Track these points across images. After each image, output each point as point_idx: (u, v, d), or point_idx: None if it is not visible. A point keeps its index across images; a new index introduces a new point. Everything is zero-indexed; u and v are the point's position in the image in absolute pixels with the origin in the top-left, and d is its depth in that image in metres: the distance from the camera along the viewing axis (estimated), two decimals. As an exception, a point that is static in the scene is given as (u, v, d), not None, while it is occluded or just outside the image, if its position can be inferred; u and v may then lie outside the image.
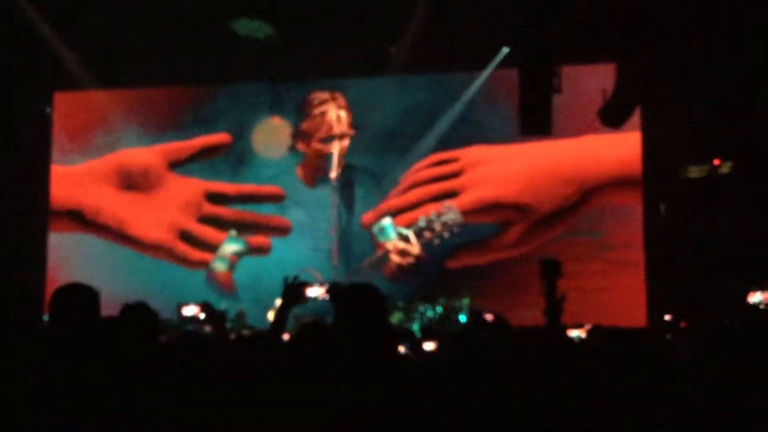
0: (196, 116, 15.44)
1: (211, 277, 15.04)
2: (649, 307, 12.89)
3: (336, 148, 14.86)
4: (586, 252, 13.72)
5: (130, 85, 15.53)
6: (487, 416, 2.65)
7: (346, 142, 15.02)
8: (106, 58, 14.88)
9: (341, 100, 15.11)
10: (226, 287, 14.92)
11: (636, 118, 12.75)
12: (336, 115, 15.07)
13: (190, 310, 11.07)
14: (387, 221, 14.54)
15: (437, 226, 14.24)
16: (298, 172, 15.11)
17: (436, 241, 14.26)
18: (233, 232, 15.03)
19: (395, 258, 14.34)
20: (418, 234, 14.32)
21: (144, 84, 15.51)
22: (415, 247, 14.34)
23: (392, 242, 14.39)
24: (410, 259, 14.34)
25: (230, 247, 15.05)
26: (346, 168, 14.92)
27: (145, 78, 15.44)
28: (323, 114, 15.09)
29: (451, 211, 14.21)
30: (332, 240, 14.70)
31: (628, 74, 11.23)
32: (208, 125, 15.37)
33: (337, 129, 15.03)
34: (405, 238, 14.35)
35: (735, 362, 2.95)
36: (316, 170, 14.96)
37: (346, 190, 14.92)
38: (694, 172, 13.10)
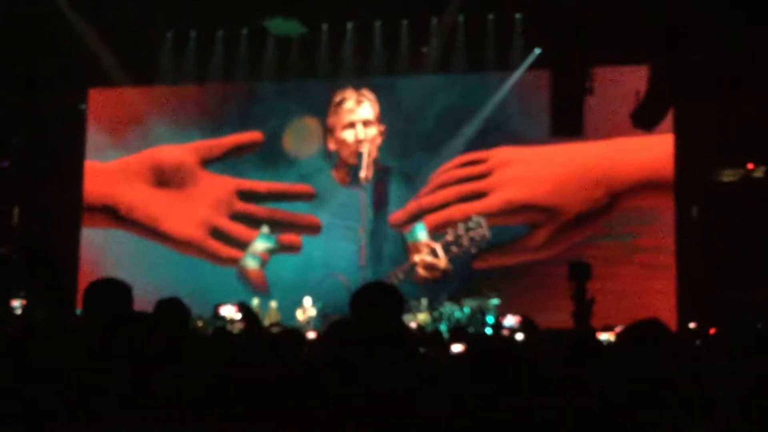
0: (230, 114, 15.54)
1: (243, 274, 15.14)
2: (679, 312, 12.77)
3: (365, 148, 14.87)
4: (616, 255, 13.63)
5: (164, 83, 15.68)
6: (514, 418, 2.65)
7: (373, 136, 14.95)
8: (140, 55, 15.04)
9: (366, 93, 15.10)
10: (258, 284, 15.00)
11: (669, 121, 12.65)
12: (355, 101, 15.07)
13: (227, 311, 11.15)
14: (419, 225, 14.57)
15: (465, 241, 14.22)
16: (333, 173, 15.14)
17: (463, 257, 14.25)
18: (265, 229, 15.11)
19: (422, 272, 14.32)
20: (446, 249, 14.31)
21: (177, 81, 15.66)
22: (442, 261, 14.32)
23: (420, 256, 14.39)
24: (436, 273, 14.32)
25: (262, 244, 15.14)
26: (380, 169, 14.93)
27: (178, 75, 15.60)
28: (342, 102, 15.14)
29: (479, 227, 14.16)
30: (360, 240, 14.73)
31: (661, 76, 11.14)
32: (242, 123, 15.48)
33: (356, 116, 15.02)
34: (433, 252, 14.34)
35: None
36: (348, 170, 14.97)
37: (378, 190, 14.93)
38: (728, 175, 12.96)
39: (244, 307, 4.52)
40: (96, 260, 15.21)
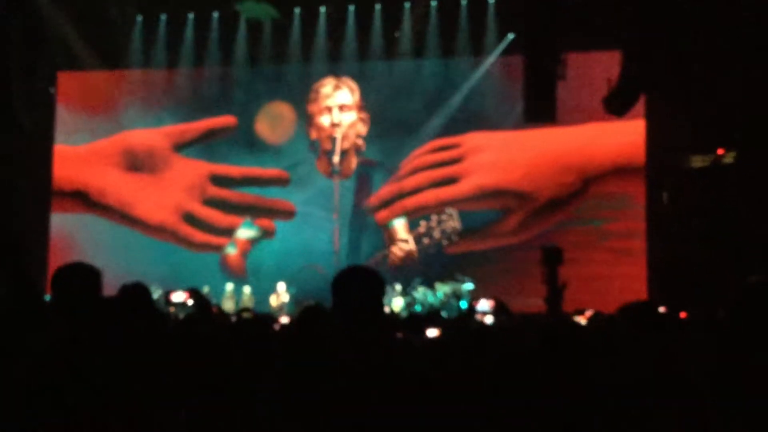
0: (202, 99, 15.42)
1: (222, 260, 15.11)
2: (649, 297, 12.90)
3: (339, 132, 14.83)
4: (587, 240, 13.74)
5: (134, 66, 15.52)
6: (491, 401, 2.66)
7: (351, 121, 14.92)
8: (110, 39, 14.87)
9: (346, 81, 15.06)
10: (237, 271, 14.97)
11: (640, 107, 12.73)
12: (333, 87, 15.04)
13: (178, 297, 11.08)
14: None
15: (436, 234, 14.35)
16: (317, 164, 15.09)
17: (432, 250, 14.35)
18: (248, 218, 15.09)
19: (393, 259, 14.42)
20: (417, 240, 14.43)
21: (148, 65, 15.50)
22: (411, 248, 14.47)
23: (395, 247, 14.52)
24: (405, 260, 14.46)
25: (244, 232, 15.10)
26: (366, 163, 14.92)
27: (149, 59, 15.44)
28: (320, 88, 15.10)
29: (450, 219, 14.29)
30: (333, 225, 14.71)
31: (633, 62, 11.20)
32: (214, 108, 15.36)
33: (332, 101, 14.99)
34: (404, 243, 14.49)
35: (733, 352, 2.96)
36: (328, 158, 14.92)
37: (362, 182, 14.93)
38: (698, 161, 13.07)
39: (195, 294, 4.48)
40: (66, 246, 15.05)
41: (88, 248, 14.54)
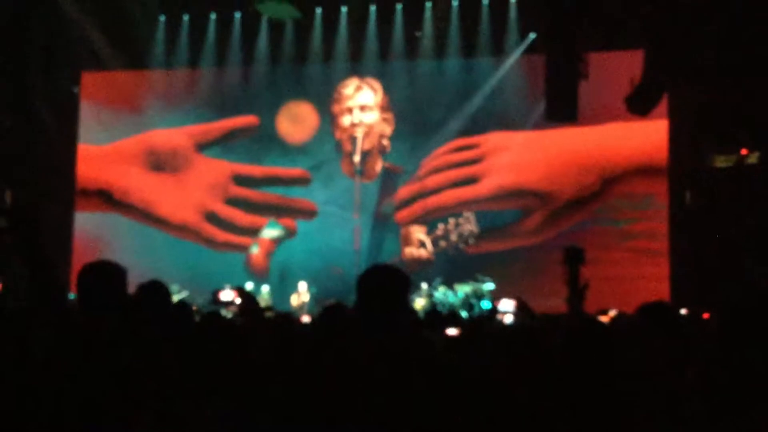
0: (224, 98, 15.49)
1: (247, 261, 15.18)
2: (672, 297, 12.81)
3: (359, 132, 14.85)
4: (609, 240, 13.67)
5: (157, 66, 15.62)
6: (513, 401, 2.66)
7: (372, 121, 14.93)
8: (133, 39, 14.97)
9: (370, 81, 15.08)
10: (258, 269, 15.02)
11: (663, 107, 12.64)
12: (355, 88, 15.07)
13: (227, 295, 11.15)
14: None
15: (453, 237, 14.36)
16: (342, 165, 15.12)
17: (451, 252, 14.35)
18: (273, 218, 15.15)
19: (409, 264, 14.38)
20: (435, 243, 14.44)
21: (170, 65, 15.60)
22: (426, 252, 14.45)
23: (409, 249, 14.54)
24: (421, 264, 14.42)
25: (269, 232, 15.16)
26: (392, 169, 14.93)
27: (171, 59, 15.54)
28: (342, 90, 15.14)
29: (468, 222, 14.29)
30: (354, 224, 14.73)
31: (656, 61, 11.12)
32: (236, 108, 15.43)
33: (353, 102, 15.02)
34: (422, 245, 14.50)
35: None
36: (350, 158, 14.94)
37: (387, 187, 14.94)
38: (722, 161, 12.96)
39: (242, 292, 4.50)
40: (90, 245, 15.17)
41: (111, 247, 14.65)
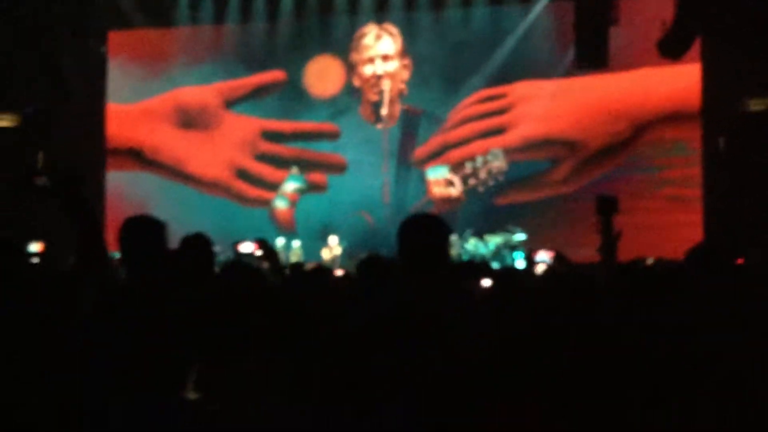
0: (250, 54, 15.42)
1: (272, 215, 15.23)
2: (706, 244, 12.70)
3: (386, 85, 14.75)
4: (641, 188, 13.54)
5: (183, 23, 15.58)
6: (548, 351, 2.66)
7: (394, 69, 14.83)
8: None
9: (388, 27, 14.93)
10: (286, 224, 15.09)
11: (695, 50, 12.42)
12: (375, 36, 14.94)
13: (246, 247, 11.18)
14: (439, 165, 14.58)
15: (482, 174, 14.22)
16: (360, 110, 15.07)
17: (481, 189, 14.25)
18: (295, 170, 15.14)
19: (438, 204, 14.27)
20: (464, 180, 14.33)
21: (196, 22, 15.55)
22: (456, 190, 14.38)
23: (437, 189, 14.42)
24: (451, 204, 14.33)
25: (291, 185, 15.19)
26: (410, 111, 14.83)
27: (197, 16, 15.48)
28: (362, 38, 15.02)
29: (496, 159, 14.14)
30: (384, 177, 14.71)
31: (688, 4, 10.92)
32: (263, 63, 15.37)
33: (374, 51, 14.90)
34: (450, 184, 14.38)
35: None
36: (372, 108, 14.89)
37: (407, 132, 14.87)
38: (756, 105, 12.73)
39: (264, 244, 4.49)
40: (122, 204, 15.27)
41: (143, 206, 14.74)
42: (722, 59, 12.61)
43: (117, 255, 3.21)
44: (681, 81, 13.31)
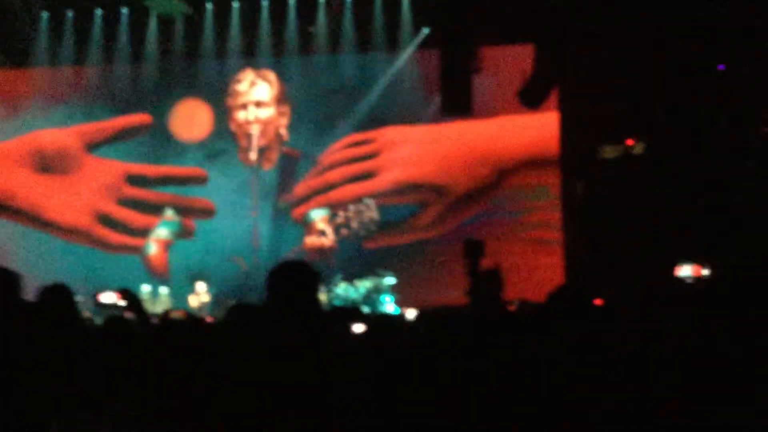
0: (113, 97, 15.03)
1: (145, 261, 14.73)
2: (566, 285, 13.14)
3: (255, 129, 14.67)
4: (505, 231, 13.92)
5: (41, 64, 15.06)
6: (428, 394, 2.68)
7: (268, 117, 14.78)
8: (15, 36, 14.41)
9: (266, 74, 14.90)
10: (160, 271, 14.62)
11: (554, 99, 12.97)
12: (249, 83, 14.89)
13: (107, 297, 10.76)
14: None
15: (354, 224, 14.36)
16: (239, 154, 14.87)
17: (352, 239, 14.36)
18: (169, 214, 14.73)
19: (310, 254, 14.24)
20: (336, 231, 14.42)
21: (55, 63, 15.07)
22: (328, 240, 14.43)
23: (310, 238, 14.43)
24: (323, 254, 14.35)
25: (163, 230, 14.75)
26: (289, 154, 14.77)
27: (56, 57, 15.02)
28: (237, 83, 14.94)
29: (368, 209, 14.30)
30: (253, 222, 14.57)
31: (546, 56, 11.41)
32: (126, 106, 15.00)
33: (248, 97, 14.84)
34: (322, 234, 14.42)
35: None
36: (247, 151, 14.72)
37: (285, 174, 14.79)
38: (609, 152, 13.38)
39: (127, 293, 4.33)
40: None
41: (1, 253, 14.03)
42: (578, 107, 13.22)
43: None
44: (541, 128, 13.86)
